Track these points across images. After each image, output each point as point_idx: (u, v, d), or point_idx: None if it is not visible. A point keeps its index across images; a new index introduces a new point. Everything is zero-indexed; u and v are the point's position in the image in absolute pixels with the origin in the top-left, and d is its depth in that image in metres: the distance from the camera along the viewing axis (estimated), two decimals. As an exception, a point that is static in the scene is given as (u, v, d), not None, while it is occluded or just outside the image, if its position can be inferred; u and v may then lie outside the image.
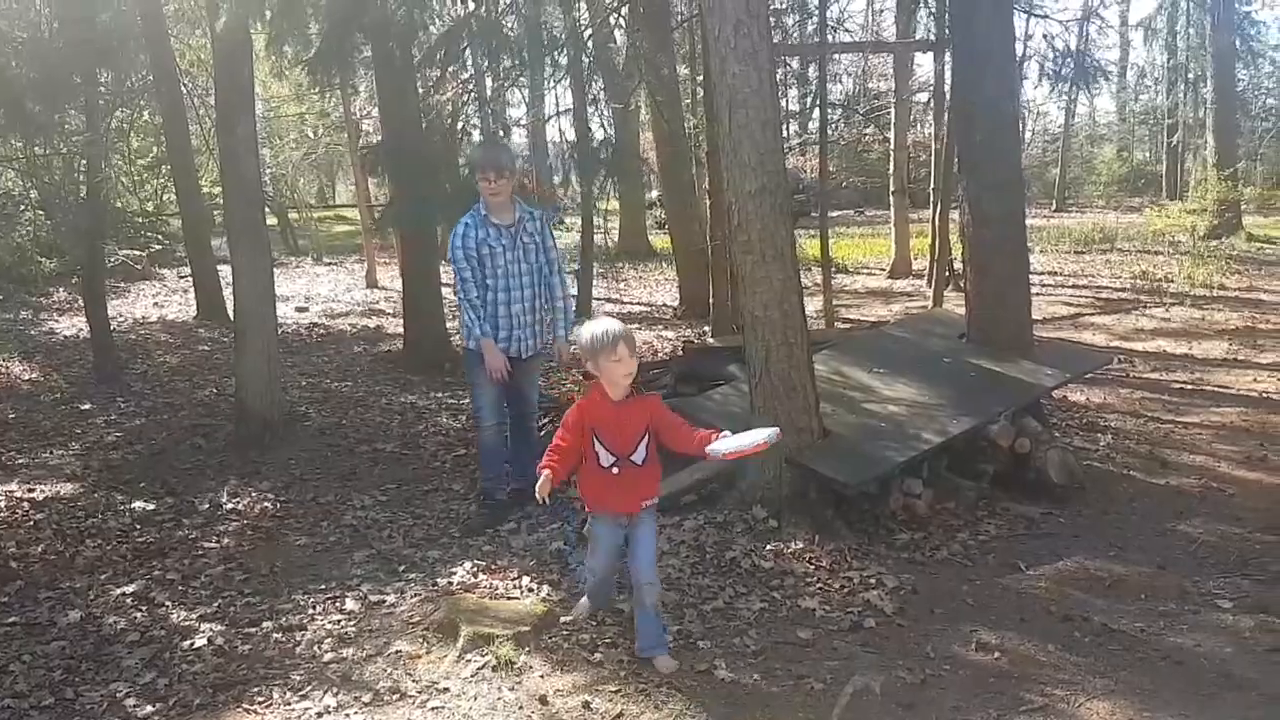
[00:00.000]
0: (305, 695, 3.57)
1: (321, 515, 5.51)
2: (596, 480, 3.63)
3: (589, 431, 3.55)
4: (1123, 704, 3.38)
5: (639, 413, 3.56)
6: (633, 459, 3.56)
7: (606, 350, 3.43)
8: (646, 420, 3.56)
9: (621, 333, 3.45)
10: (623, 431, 3.53)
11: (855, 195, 31.08)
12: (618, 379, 3.49)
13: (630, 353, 3.46)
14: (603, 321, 3.51)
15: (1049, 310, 11.85)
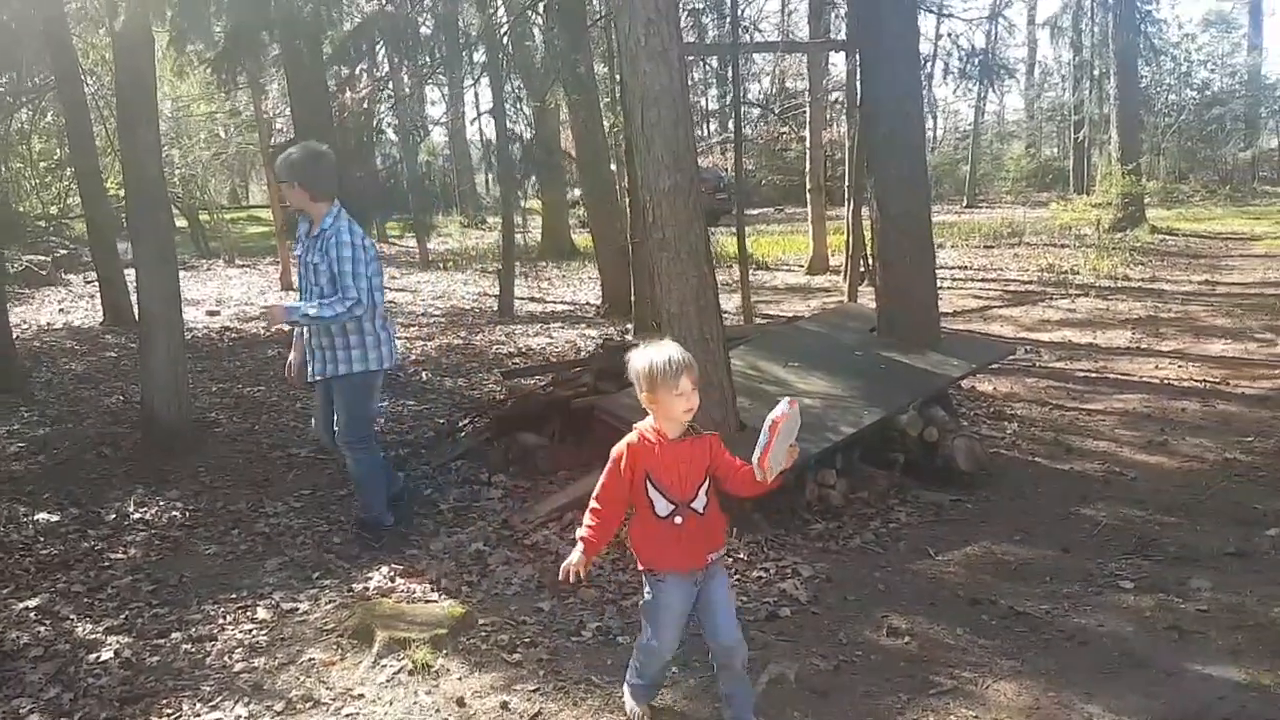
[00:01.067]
0: (215, 706, 3.50)
1: (232, 523, 5.40)
2: (655, 534, 3.02)
3: (641, 478, 2.98)
4: (1029, 684, 3.49)
5: (699, 453, 2.99)
6: (693, 506, 2.99)
7: (668, 382, 2.86)
8: (706, 462, 3.00)
9: (685, 362, 2.89)
10: (681, 475, 2.98)
11: (774, 193, 31.45)
12: (677, 415, 2.92)
13: (694, 385, 2.91)
14: (663, 347, 2.92)
15: (959, 303, 12.15)
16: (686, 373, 2.87)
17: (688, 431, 2.98)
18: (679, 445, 2.97)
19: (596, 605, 4.25)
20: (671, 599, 3.03)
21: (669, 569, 3.02)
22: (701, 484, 3.00)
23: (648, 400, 2.93)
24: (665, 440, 2.96)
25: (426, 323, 12.64)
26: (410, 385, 8.86)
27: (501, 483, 5.91)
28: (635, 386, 2.95)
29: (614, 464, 3.00)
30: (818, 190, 16.58)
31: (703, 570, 3.03)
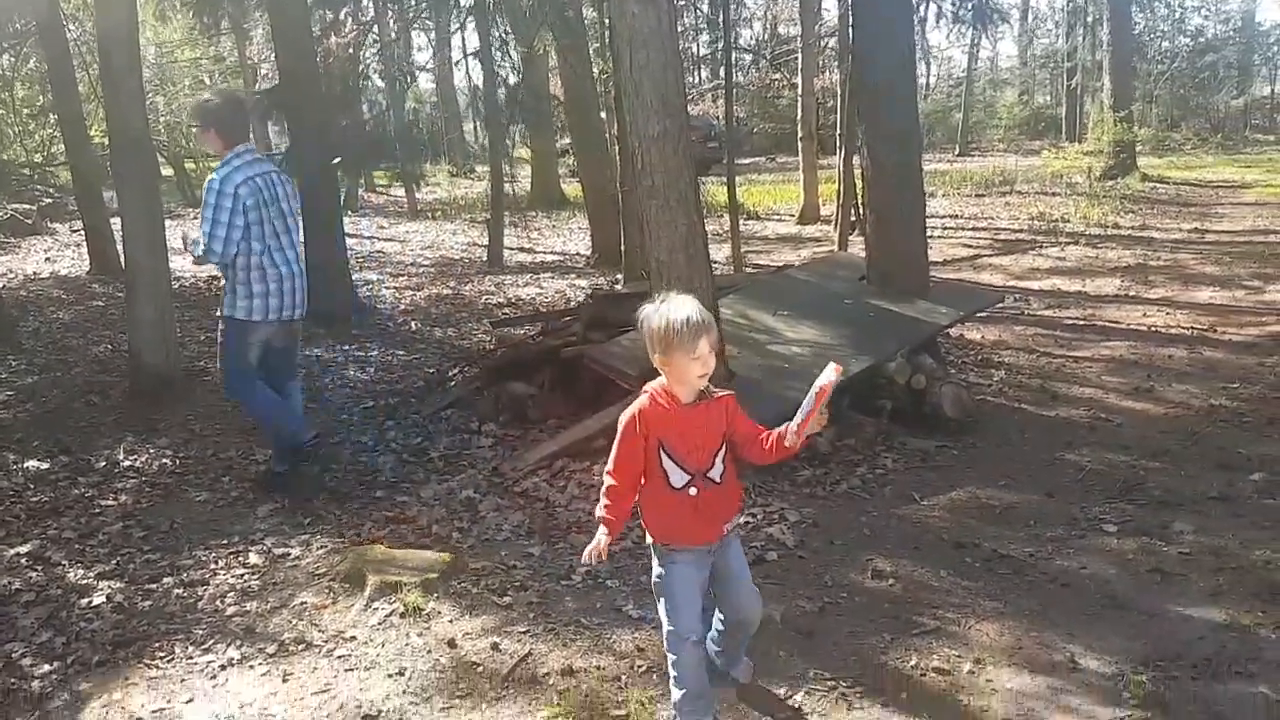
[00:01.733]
0: (208, 649, 3.54)
1: (223, 470, 5.41)
2: (669, 507, 2.78)
3: (654, 446, 2.74)
4: (1011, 624, 3.54)
5: (715, 418, 2.77)
6: (710, 476, 2.77)
7: (684, 345, 2.62)
8: (724, 427, 2.78)
9: (704, 323, 2.63)
10: (697, 442, 2.75)
11: (765, 142, 31.22)
12: (690, 380, 2.69)
13: (712, 348, 2.67)
14: (682, 304, 2.66)
15: (949, 252, 12.14)
16: (705, 335, 2.62)
17: (702, 394, 2.74)
18: (694, 410, 2.73)
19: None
20: (686, 574, 2.81)
21: (684, 544, 2.80)
22: (718, 451, 2.77)
23: (660, 362, 2.70)
24: (678, 405, 2.72)
25: (415, 273, 12.58)
26: (399, 335, 8.85)
27: (491, 431, 5.93)
28: (648, 346, 2.71)
29: (627, 431, 2.75)
30: (809, 138, 16.47)
31: (718, 542, 2.84)
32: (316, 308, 9.18)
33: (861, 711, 3.02)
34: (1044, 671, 3.21)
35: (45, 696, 3.27)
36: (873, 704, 3.06)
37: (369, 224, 18.12)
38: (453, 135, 31.86)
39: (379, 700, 3.15)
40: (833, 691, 3.13)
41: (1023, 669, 3.23)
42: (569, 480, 5.09)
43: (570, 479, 5.10)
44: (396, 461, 5.52)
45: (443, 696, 3.17)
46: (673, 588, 2.81)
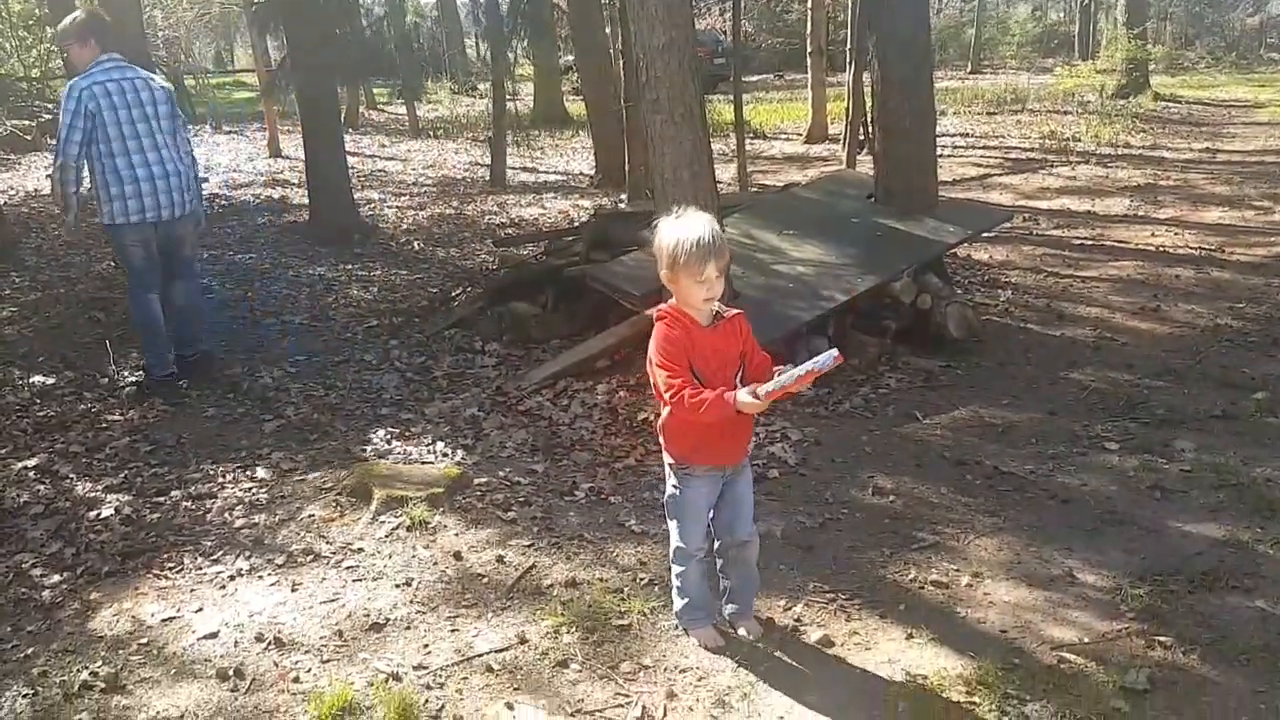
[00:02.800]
0: (217, 560, 3.59)
1: (229, 387, 5.43)
2: (695, 427, 2.71)
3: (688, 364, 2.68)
4: (1009, 540, 3.58)
5: (732, 338, 2.74)
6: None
7: (691, 265, 2.57)
8: (740, 346, 2.75)
9: (715, 246, 2.56)
10: (718, 364, 2.70)
11: (773, 58, 30.63)
12: (695, 302, 2.65)
13: (720, 273, 2.61)
14: (695, 223, 2.59)
15: (959, 171, 11.99)
16: (715, 258, 2.56)
17: (717, 315, 2.72)
18: (714, 332, 2.70)
19: (589, 468, 4.33)
20: (699, 494, 2.84)
21: (704, 463, 2.80)
22: (739, 372, 2.72)
23: (667, 278, 2.65)
24: (698, 327, 2.68)
25: (418, 192, 12.48)
26: (402, 254, 8.81)
27: (495, 351, 5.94)
28: (657, 259, 2.67)
29: (673, 351, 2.65)
30: (818, 55, 16.13)
31: (735, 466, 2.86)
32: (318, 226, 9.23)
33: (859, 622, 3.07)
34: (1042, 585, 3.26)
35: (55, 605, 3.34)
36: (870, 615, 3.11)
37: (370, 142, 17.91)
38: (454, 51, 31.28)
39: (386, 609, 3.21)
40: (831, 603, 3.18)
41: (1020, 583, 3.28)
42: (572, 399, 5.10)
43: (573, 398, 5.11)
44: (401, 380, 5.54)
45: (449, 606, 3.22)
46: (685, 507, 2.87)
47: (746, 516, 2.93)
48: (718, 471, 2.84)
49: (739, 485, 2.90)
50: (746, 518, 2.92)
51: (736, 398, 2.57)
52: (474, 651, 2.97)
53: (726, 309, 2.76)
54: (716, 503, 2.89)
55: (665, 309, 2.72)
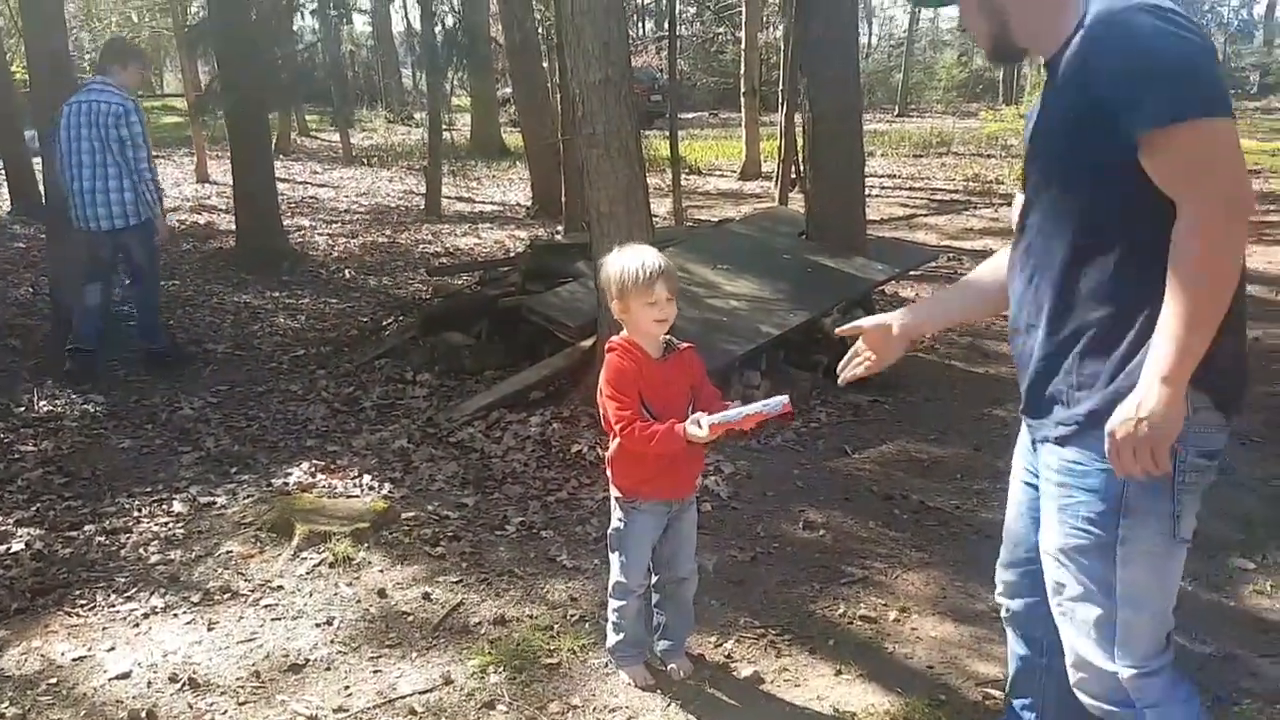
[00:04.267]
0: (131, 597, 3.46)
1: (147, 418, 5.28)
2: (645, 460, 2.68)
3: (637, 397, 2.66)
4: (935, 574, 3.62)
5: (684, 371, 2.72)
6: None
7: (640, 289, 2.56)
8: (692, 380, 2.74)
9: (661, 268, 2.57)
10: (669, 397, 2.67)
11: (709, 97, 31.05)
12: (649, 328, 2.63)
13: (671, 295, 2.60)
14: (638, 251, 2.63)
15: (887, 211, 12.24)
16: (663, 279, 2.56)
17: (668, 346, 2.71)
18: (665, 365, 2.68)
19: (520, 501, 4.28)
20: (645, 528, 2.80)
21: (653, 497, 2.77)
22: (689, 405, 2.68)
23: (619, 310, 2.64)
24: (649, 360, 2.66)
25: (350, 220, 12.34)
26: (332, 283, 8.69)
27: (426, 381, 5.86)
28: (606, 297, 2.70)
29: (623, 382, 2.62)
30: (752, 95, 16.41)
31: (682, 501, 2.82)
32: (245, 253, 9.05)
33: (789, 658, 3.07)
34: (968, 620, 3.29)
35: (-41, 645, 3.18)
36: (801, 651, 3.10)
37: (302, 169, 17.69)
38: (390, 79, 31.17)
39: (306, 649, 3.12)
40: (762, 639, 3.17)
41: (947, 618, 3.31)
42: (505, 431, 5.05)
43: (506, 430, 5.06)
44: (328, 411, 5.44)
45: (372, 646, 3.14)
46: (630, 541, 2.83)
47: (689, 553, 2.90)
48: (664, 506, 2.80)
49: (684, 521, 2.87)
50: (689, 554, 2.90)
51: (685, 428, 2.56)
52: (397, 693, 2.89)
53: (678, 342, 2.77)
54: (659, 537, 2.85)
55: (616, 341, 2.70)
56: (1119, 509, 1.82)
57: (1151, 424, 1.64)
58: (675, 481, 2.78)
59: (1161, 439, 1.65)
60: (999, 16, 1.91)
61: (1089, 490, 1.84)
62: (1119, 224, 1.76)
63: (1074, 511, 1.87)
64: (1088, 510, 1.85)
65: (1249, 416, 5.06)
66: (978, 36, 2.02)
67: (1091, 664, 1.92)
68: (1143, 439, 1.66)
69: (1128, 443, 1.67)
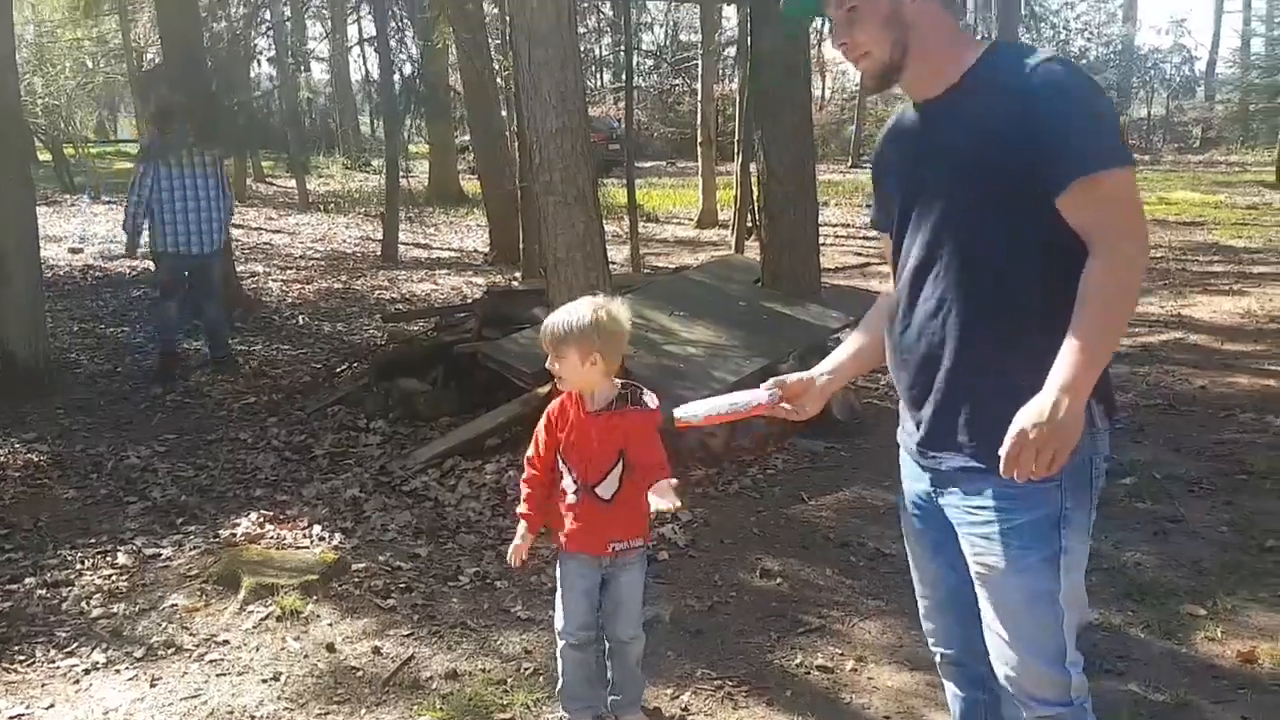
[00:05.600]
0: (71, 652, 3.36)
1: (92, 467, 5.16)
2: (560, 508, 2.71)
3: (554, 446, 2.70)
4: (892, 623, 3.61)
5: (612, 433, 2.61)
6: (597, 491, 2.64)
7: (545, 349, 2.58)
8: (621, 444, 2.62)
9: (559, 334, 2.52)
10: (587, 454, 2.63)
11: (666, 146, 31.40)
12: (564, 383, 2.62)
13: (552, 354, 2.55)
14: (561, 309, 2.60)
15: (841, 260, 12.39)
16: (553, 344, 2.53)
17: (612, 405, 2.61)
18: (594, 420, 2.61)
19: (475, 551, 4.23)
20: (571, 572, 2.75)
21: (573, 549, 2.71)
22: (612, 469, 2.62)
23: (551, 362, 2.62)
24: (582, 411, 2.63)
25: (305, 266, 12.25)
26: (286, 329, 8.60)
27: (380, 429, 5.79)
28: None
29: (544, 424, 2.71)
30: (708, 144, 16.61)
31: (610, 559, 2.71)
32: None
33: (746, 710, 3.04)
34: (924, 669, 3.27)
35: (-115, 705, 3.05)
36: (758, 703, 3.07)
37: (257, 215, 17.57)
38: (347, 126, 31.18)
39: (252, 706, 3.03)
40: (719, 691, 3.14)
41: (903, 667, 3.29)
42: (459, 479, 5.00)
43: (461, 478, 5.01)
44: (278, 459, 5.35)
45: (319, 702, 3.06)
46: (562, 585, 2.78)
47: (626, 618, 2.78)
48: (592, 560, 2.72)
49: (620, 583, 2.75)
50: (627, 619, 2.78)
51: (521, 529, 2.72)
52: (346, 749, 2.82)
53: (642, 403, 2.65)
54: (601, 595, 2.78)
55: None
56: (1059, 521, 1.90)
57: (1055, 429, 1.71)
58: (586, 540, 2.68)
59: (1065, 445, 1.72)
60: (902, 38, 1.89)
61: (1031, 508, 1.90)
62: (1033, 262, 1.85)
63: (1019, 531, 1.91)
64: (1033, 528, 1.90)
65: (1198, 464, 5.15)
66: (869, 54, 1.91)
67: (1044, 674, 1.96)
68: (1046, 443, 1.71)
69: (1031, 445, 1.72)
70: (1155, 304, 9.66)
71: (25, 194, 6.50)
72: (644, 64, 31.13)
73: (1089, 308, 1.74)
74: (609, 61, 37.38)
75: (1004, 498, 1.91)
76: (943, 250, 1.93)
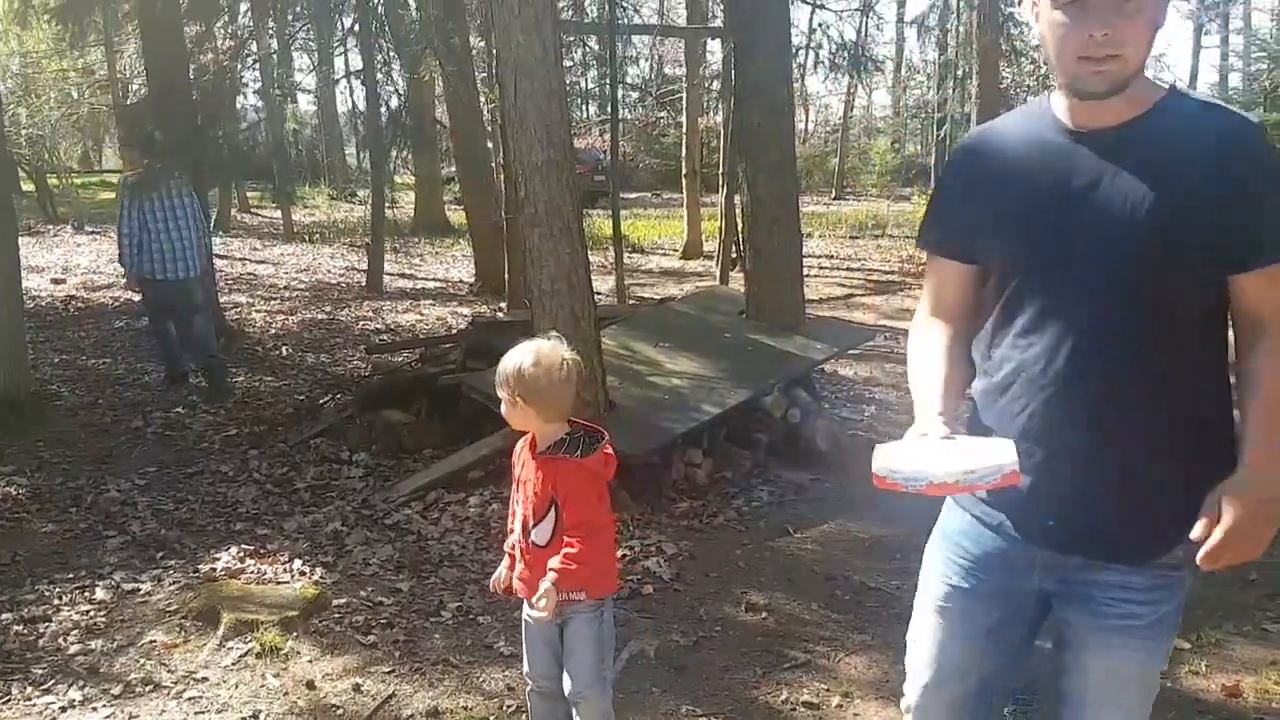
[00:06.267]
0: (48, 690, 3.30)
1: (71, 500, 5.10)
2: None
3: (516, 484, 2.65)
4: (878, 657, 3.59)
5: (546, 480, 2.50)
6: (532, 538, 2.53)
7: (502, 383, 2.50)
8: (551, 491, 2.49)
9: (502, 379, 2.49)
10: (525, 495, 2.56)
11: (651, 178, 31.56)
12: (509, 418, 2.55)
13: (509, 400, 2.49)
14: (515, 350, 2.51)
15: (824, 291, 12.46)
16: (502, 386, 2.48)
17: (555, 448, 2.51)
18: (537, 461, 2.53)
19: (458, 585, 4.19)
20: (529, 625, 2.68)
21: (523, 593, 2.60)
22: (545, 515, 2.49)
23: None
24: (531, 449, 2.56)
25: (289, 296, 12.22)
26: (268, 360, 8.56)
27: (363, 461, 5.75)
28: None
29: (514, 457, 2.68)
30: (693, 176, 16.71)
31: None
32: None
33: (732, 747, 3.01)
34: (910, 703, 3.26)
35: None
36: (743, 739, 3.05)
37: (241, 245, 17.54)
38: (333, 157, 31.23)
39: (231, 745, 2.99)
40: (704, 727, 3.11)
41: (889, 702, 3.27)
42: (443, 512, 4.96)
43: (444, 511, 4.98)
44: (259, 492, 5.30)
45: (300, 740, 3.02)
46: (523, 629, 2.72)
47: (574, 671, 2.61)
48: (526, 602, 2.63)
49: (568, 632, 2.61)
50: (574, 672, 2.61)
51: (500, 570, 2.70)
52: (326, 789, 2.78)
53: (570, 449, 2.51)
54: None
55: None
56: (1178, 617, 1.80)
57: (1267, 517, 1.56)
58: (528, 587, 2.55)
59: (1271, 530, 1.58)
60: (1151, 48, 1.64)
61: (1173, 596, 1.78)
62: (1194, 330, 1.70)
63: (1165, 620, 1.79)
64: (1173, 616, 1.79)
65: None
66: (1122, 55, 1.60)
67: None
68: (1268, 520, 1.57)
69: (1250, 526, 1.56)
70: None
71: (8, 224, 6.48)
72: (629, 96, 31.37)
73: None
74: (594, 94, 37.61)
75: (1158, 587, 1.76)
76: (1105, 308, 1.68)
